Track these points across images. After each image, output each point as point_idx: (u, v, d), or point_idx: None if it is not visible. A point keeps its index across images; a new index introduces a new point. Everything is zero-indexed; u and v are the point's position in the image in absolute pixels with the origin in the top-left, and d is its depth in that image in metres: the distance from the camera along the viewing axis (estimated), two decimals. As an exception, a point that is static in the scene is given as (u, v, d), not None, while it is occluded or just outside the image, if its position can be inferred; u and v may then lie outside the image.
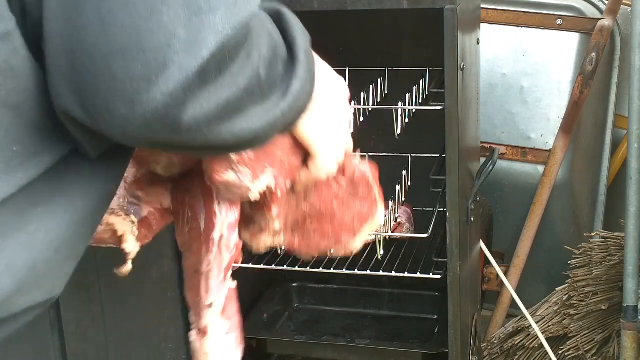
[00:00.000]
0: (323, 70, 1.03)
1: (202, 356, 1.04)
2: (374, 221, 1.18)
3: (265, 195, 1.00)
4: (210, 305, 1.02)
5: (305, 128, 0.98)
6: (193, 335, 1.05)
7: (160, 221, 1.11)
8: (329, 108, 1.03)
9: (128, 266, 1.08)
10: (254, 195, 0.97)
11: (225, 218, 1.00)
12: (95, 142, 0.79)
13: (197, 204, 1.02)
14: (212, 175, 0.95)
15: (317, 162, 1.03)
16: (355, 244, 1.18)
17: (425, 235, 1.79)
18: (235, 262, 1.04)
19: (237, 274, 2.19)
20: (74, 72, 0.72)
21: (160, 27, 0.70)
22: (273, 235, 1.11)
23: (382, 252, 1.88)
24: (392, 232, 1.92)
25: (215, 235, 1.00)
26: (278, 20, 0.90)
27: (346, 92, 1.08)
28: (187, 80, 0.71)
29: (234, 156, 0.94)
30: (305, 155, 1.02)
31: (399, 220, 1.96)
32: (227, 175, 0.96)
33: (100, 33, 0.70)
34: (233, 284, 1.05)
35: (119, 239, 1.08)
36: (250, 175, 0.96)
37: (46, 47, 0.73)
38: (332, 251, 1.16)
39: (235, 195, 0.99)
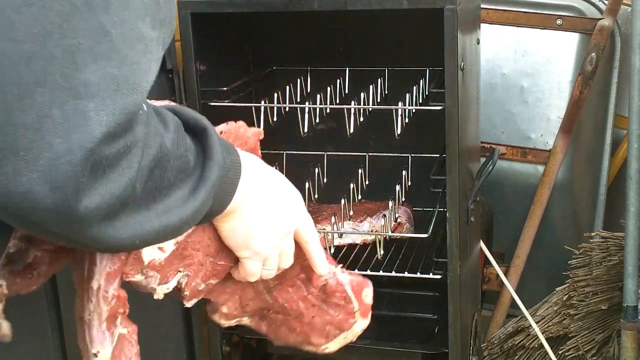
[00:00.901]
0: (254, 176, 0.94)
1: None
2: (350, 332, 1.17)
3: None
4: (95, 355, 1.00)
5: (226, 234, 0.96)
6: None
7: (50, 265, 1.04)
8: (258, 214, 0.95)
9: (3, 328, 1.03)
10: (158, 296, 1.01)
11: (104, 268, 0.96)
12: None
13: (82, 252, 0.98)
14: (122, 276, 0.97)
15: (241, 267, 1.01)
16: (329, 348, 1.17)
17: (425, 235, 1.79)
18: (122, 313, 1.02)
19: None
20: None
21: (32, 106, 0.68)
22: (226, 317, 1.11)
23: (382, 252, 1.88)
24: (392, 232, 1.92)
25: (94, 284, 0.97)
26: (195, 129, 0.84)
27: (291, 197, 1.00)
28: (55, 163, 0.68)
29: (145, 260, 0.96)
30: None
31: (399, 220, 1.96)
32: (135, 278, 1.00)
33: None
34: (124, 331, 1.02)
35: None
36: (157, 279, 1.00)
37: None
38: (304, 348, 1.14)
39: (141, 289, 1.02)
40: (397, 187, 1.89)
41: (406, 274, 1.89)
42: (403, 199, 1.95)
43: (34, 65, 0.68)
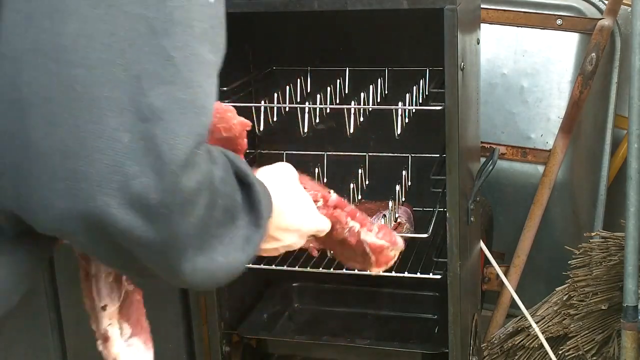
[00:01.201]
0: (277, 204, 0.99)
1: None
2: (365, 269, 1.33)
3: None
4: (103, 308, 1.03)
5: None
6: (99, 344, 1.04)
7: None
8: (279, 235, 1.06)
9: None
10: None
11: None
12: (14, 224, 0.78)
13: None
14: None
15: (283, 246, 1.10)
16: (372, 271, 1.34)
17: (425, 235, 1.79)
18: None
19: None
20: (12, 167, 0.73)
21: (104, 130, 0.70)
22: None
23: None
24: (393, 230, 1.92)
25: None
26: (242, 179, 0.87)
27: (302, 212, 1.09)
28: (128, 186, 0.71)
29: None
30: None
31: (399, 220, 1.96)
32: None
33: (45, 134, 0.70)
34: (130, 287, 1.05)
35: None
36: None
37: None
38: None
39: None
40: (397, 187, 1.89)
41: (406, 274, 1.89)
42: (403, 199, 1.95)
43: (104, 90, 0.70)
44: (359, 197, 1.98)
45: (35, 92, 0.70)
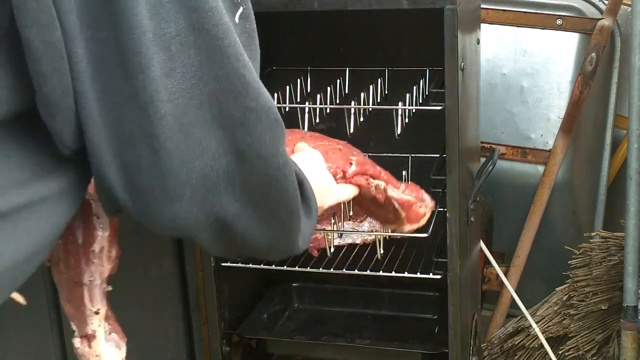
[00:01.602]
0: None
1: (93, 358, 1.13)
2: (406, 227, 1.50)
3: None
4: (97, 312, 1.11)
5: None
6: (77, 342, 1.13)
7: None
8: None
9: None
10: None
11: (105, 232, 1.09)
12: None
13: (74, 219, 1.07)
14: None
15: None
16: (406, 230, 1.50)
17: (425, 235, 1.79)
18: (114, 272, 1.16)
19: (237, 274, 2.20)
20: (125, 175, 0.86)
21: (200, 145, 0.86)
22: None
23: (382, 251, 1.88)
24: (393, 231, 1.92)
25: (96, 247, 1.09)
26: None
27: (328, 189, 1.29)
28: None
29: None
30: None
31: (399, 220, 1.96)
32: None
33: (154, 159, 0.84)
34: (110, 288, 1.14)
35: None
36: None
37: (93, 144, 0.84)
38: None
39: None
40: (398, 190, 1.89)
41: (406, 274, 1.89)
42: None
43: (189, 114, 0.83)
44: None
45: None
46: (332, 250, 1.92)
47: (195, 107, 0.84)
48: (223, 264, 1.95)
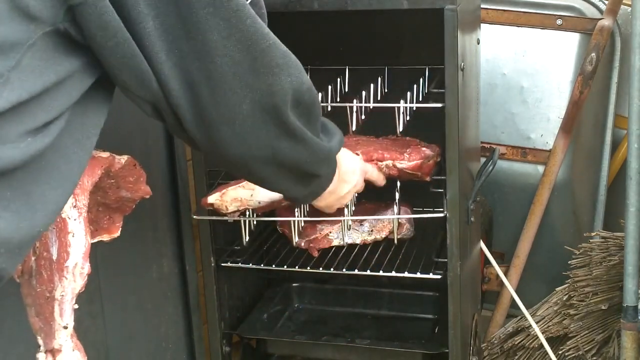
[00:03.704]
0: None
1: None
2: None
3: None
4: (65, 327, 1.15)
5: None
6: (42, 357, 1.17)
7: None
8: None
9: None
10: None
11: (80, 248, 1.15)
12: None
13: (49, 235, 1.14)
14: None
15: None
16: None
17: (441, 215, 1.78)
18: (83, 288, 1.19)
19: (237, 274, 2.20)
20: (191, 106, 1.10)
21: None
22: None
23: (398, 236, 1.90)
24: (392, 232, 1.92)
25: (70, 263, 1.14)
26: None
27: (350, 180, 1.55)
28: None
29: None
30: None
31: (399, 220, 1.96)
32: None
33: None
34: (76, 306, 1.18)
35: None
36: None
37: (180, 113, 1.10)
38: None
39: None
40: (397, 187, 1.89)
41: (406, 274, 1.89)
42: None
43: (240, 64, 1.10)
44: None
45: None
46: (333, 249, 1.92)
47: (251, 61, 1.09)
48: (223, 264, 1.95)
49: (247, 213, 1.83)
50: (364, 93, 1.86)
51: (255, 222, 1.89)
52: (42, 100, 0.97)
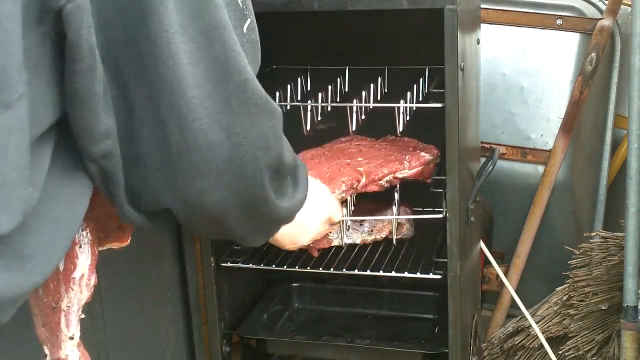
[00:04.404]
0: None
1: None
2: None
3: None
4: (72, 338, 1.15)
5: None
6: None
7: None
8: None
9: None
10: None
11: (86, 260, 1.15)
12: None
13: None
14: None
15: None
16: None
17: (440, 216, 1.79)
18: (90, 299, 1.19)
19: (237, 274, 2.20)
20: (158, 151, 0.97)
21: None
22: None
23: (396, 236, 1.89)
24: (392, 232, 1.92)
25: (76, 275, 1.14)
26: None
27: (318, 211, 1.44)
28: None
29: None
30: None
31: (398, 220, 1.96)
32: None
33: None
34: (83, 315, 1.18)
35: None
36: None
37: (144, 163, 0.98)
38: None
39: None
40: (397, 188, 1.89)
41: (406, 274, 1.89)
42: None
43: (215, 100, 0.95)
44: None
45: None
46: (333, 249, 1.92)
47: (221, 95, 0.94)
48: (223, 264, 1.95)
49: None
50: (364, 93, 1.86)
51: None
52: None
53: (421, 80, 1.92)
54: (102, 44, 0.91)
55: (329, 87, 1.95)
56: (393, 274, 1.90)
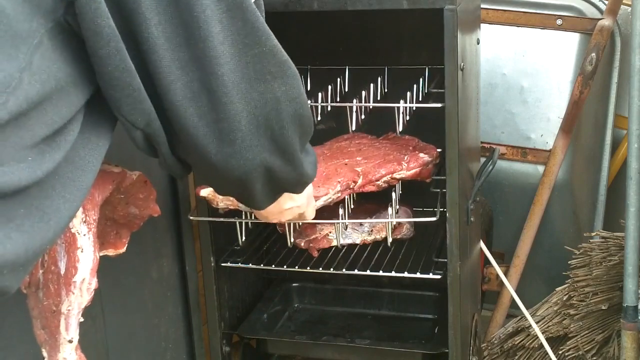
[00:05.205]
0: None
1: None
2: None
3: None
4: (70, 341, 1.16)
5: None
6: None
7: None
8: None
9: None
10: None
11: (88, 265, 1.16)
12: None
13: (58, 249, 1.15)
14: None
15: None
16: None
17: (434, 219, 1.78)
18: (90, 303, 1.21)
19: (237, 274, 2.20)
20: (194, 119, 1.06)
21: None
22: None
23: (390, 239, 1.88)
24: (392, 232, 1.92)
25: (77, 278, 1.15)
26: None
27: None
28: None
29: None
30: None
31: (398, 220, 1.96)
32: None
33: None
34: (82, 319, 1.19)
35: None
36: None
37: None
38: None
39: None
40: (395, 189, 1.89)
41: (406, 274, 1.89)
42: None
43: (238, 72, 1.05)
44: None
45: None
46: (341, 242, 1.92)
47: (243, 67, 1.04)
48: (223, 264, 1.95)
49: (243, 214, 1.83)
50: (364, 93, 1.86)
51: (251, 224, 1.89)
52: (43, 110, 0.92)
53: (421, 80, 1.92)
54: (133, 24, 0.97)
55: (329, 87, 1.95)
56: (393, 274, 1.90)
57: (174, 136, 1.08)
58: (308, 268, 1.95)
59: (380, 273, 1.91)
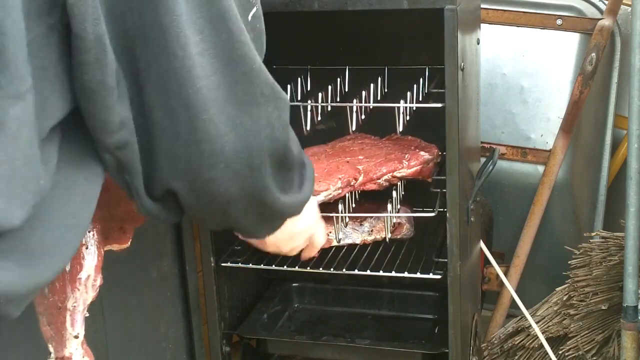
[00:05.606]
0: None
1: None
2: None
3: None
4: (76, 337, 1.17)
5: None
6: None
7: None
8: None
9: None
10: None
11: (93, 261, 1.17)
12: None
13: None
14: None
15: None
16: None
17: (432, 215, 1.79)
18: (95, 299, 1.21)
19: (237, 274, 2.20)
20: (167, 143, 0.97)
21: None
22: None
23: (389, 235, 1.89)
24: (392, 232, 1.92)
25: (83, 275, 1.16)
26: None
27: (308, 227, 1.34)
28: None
29: None
30: None
31: (398, 220, 1.96)
32: None
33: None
34: (87, 314, 1.20)
35: None
36: None
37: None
38: None
39: None
40: (396, 186, 1.89)
41: (406, 274, 1.89)
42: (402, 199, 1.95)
43: (221, 90, 0.96)
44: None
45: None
46: (341, 242, 1.92)
47: (227, 85, 0.95)
48: (223, 264, 1.95)
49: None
50: (364, 93, 1.86)
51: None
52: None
53: (421, 80, 1.92)
54: (114, 34, 0.92)
55: (329, 87, 1.95)
56: (393, 274, 1.90)
57: (151, 168, 1.00)
58: (308, 268, 1.95)
59: (381, 273, 1.91)
